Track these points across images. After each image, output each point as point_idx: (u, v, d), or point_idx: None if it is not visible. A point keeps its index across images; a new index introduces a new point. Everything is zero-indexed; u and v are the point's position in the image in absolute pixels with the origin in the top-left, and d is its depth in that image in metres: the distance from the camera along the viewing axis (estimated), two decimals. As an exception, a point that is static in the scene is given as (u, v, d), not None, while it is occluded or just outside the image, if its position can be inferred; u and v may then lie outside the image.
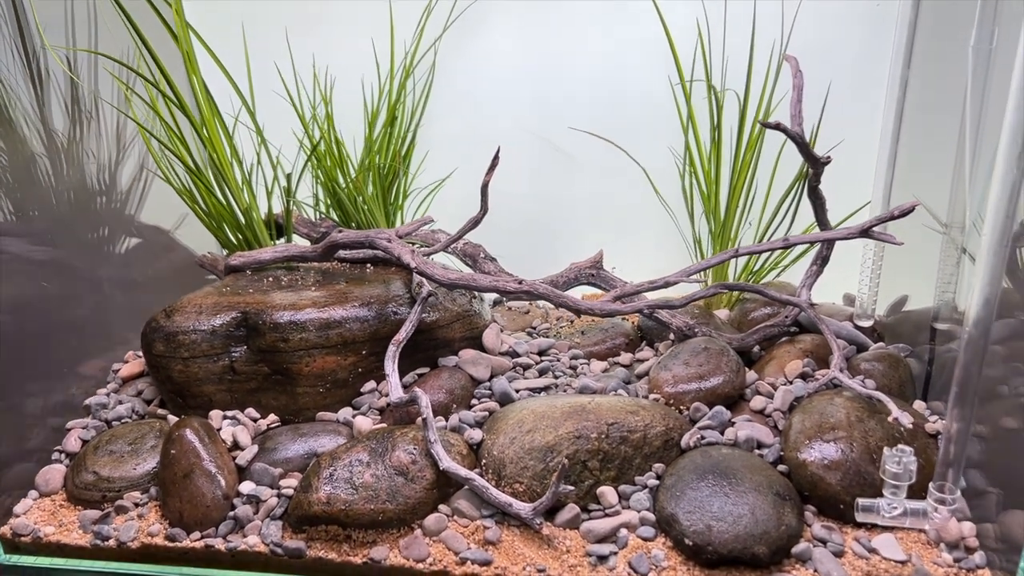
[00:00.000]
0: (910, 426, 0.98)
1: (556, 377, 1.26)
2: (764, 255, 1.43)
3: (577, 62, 1.45)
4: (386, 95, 1.43)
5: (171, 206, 1.49)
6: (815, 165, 1.12)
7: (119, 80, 1.30)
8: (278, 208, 1.43)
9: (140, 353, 1.35)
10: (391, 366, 1.13)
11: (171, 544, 1.03)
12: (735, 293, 1.43)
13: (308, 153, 1.36)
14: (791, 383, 1.18)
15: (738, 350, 1.26)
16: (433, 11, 1.41)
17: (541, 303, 1.55)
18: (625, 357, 1.32)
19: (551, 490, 0.98)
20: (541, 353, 1.33)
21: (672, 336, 1.30)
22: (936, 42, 1.18)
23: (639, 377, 1.26)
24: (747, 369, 1.23)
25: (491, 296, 1.48)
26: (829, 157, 1.11)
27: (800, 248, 1.38)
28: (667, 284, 1.16)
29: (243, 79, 1.34)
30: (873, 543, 0.96)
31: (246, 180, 1.33)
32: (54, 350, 1.27)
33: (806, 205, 1.21)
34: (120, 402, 1.24)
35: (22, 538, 1.06)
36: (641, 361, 1.30)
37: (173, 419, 1.18)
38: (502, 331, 1.40)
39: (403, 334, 1.16)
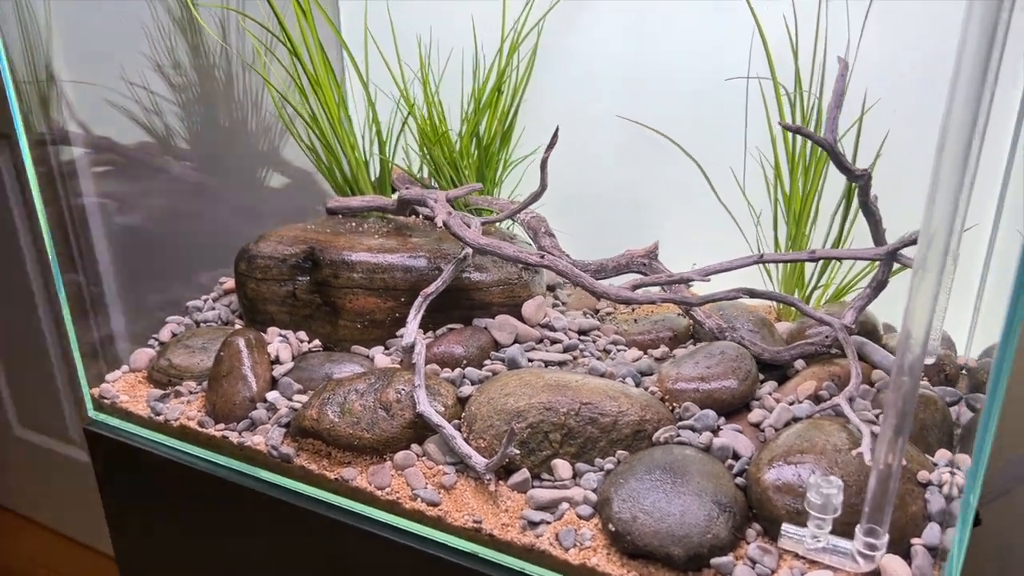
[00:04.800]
0: (869, 463, 0.91)
1: (584, 356, 1.29)
2: (851, 272, 1.34)
3: (678, 53, 1.44)
4: (494, 67, 1.51)
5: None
6: (852, 178, 1.04)
7: (252, 35, 1.50)
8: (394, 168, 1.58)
9: (244, 271, 1.58)
10: (413, 313, 1.23)
11: (199, 429, 1.22)
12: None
13: (404, 116, 1.48)
14: (799, 402, 1.12)
15: (771, 362, 1.22)
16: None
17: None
18: (661, 351, 1.31)
19: (501, 451, 1.04)
20: (582, 333, 1.36)
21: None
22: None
23: (660, 371, 1.25)
24: (772, 382, 1.19)
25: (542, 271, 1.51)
26: (867, 171, 1.03)
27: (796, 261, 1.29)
28: (682, 281, 1.14)
29: (377, 48, 1.50)
30: (807, 576, 0.91)
31: (354, 138, 1.49)
32: (183, 258, 1.52)
33: (901, 214, 1.13)
34: (212, 308, 1.46)
35: (105, 400, 1.31)
36: (674, 357, 1.29)
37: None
38: (555, 306, 1.45)
39: (433, 287, 1.25)
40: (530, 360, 1.25)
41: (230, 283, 1.53)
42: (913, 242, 0.99)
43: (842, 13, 1.25)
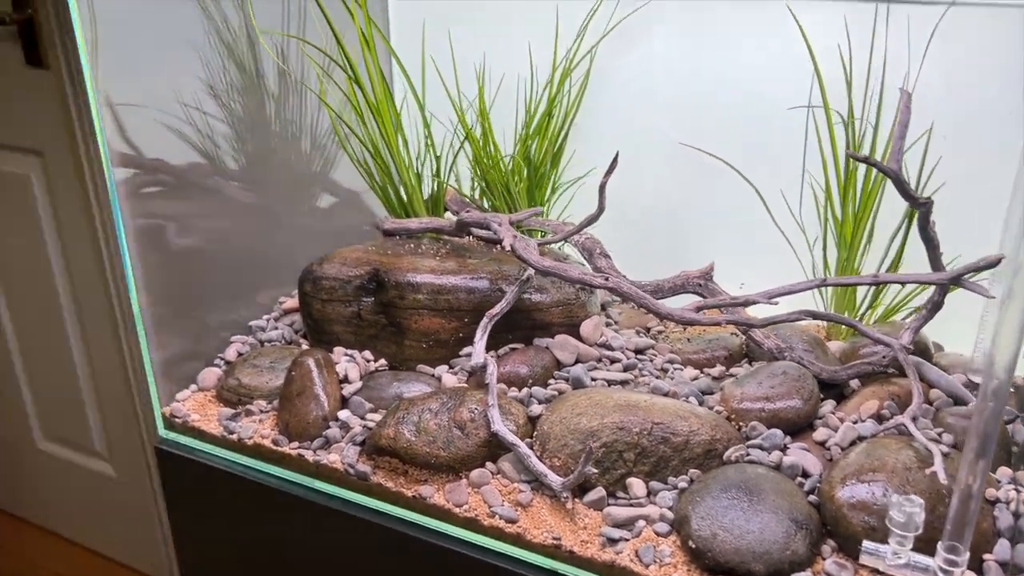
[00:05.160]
0: (944, 482, 0.95)
1: (642, 375, 1.33)
2: (900, 293, 1.38)
3: (728, 77, 1.48)
4: (545, 93, 1.55)
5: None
6: (916, 205, 1.09)
7: (315, 63, 1.54)
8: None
9: (301, 291, 1.61)
10: (480, 334, 1.27)
11: (274, 447, 1.25)
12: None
13: (460, 140, 1.52)
14: (862, 421, 1.15)
15: (829, 381, 1.25)
16: (594, 17, 1.51)
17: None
18: (718, 370, 1.35)
19: (578, 469, 1.07)
20: (638, 351, 1.40)
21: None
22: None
23: (722, 390, 1.29)
24: (831, 401, 1.22)
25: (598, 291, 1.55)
26: (930, 199, 1.07)
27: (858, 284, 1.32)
28: (747, 303, 1.18)
29: (429, 73, 1.53)
30: (883, 591, 0.95)
31: (409, 160, 1.53)
32: (242, 278, 1.55)
33: (953, 239, 1.18)
34: (275, 328, 1.49)
35: (176, 419, 1.34)
36: (733, 376, 1.33)
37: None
38: (608, 325, 1.48)
39: (497, 308, 1.29)
40: (593, 379, 1.29)
41: (289, 303, 1.56)
42: (977, 268, 1.03)
43: (896, 38, 1.29)
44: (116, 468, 2.55)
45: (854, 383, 1.27)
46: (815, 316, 1.19)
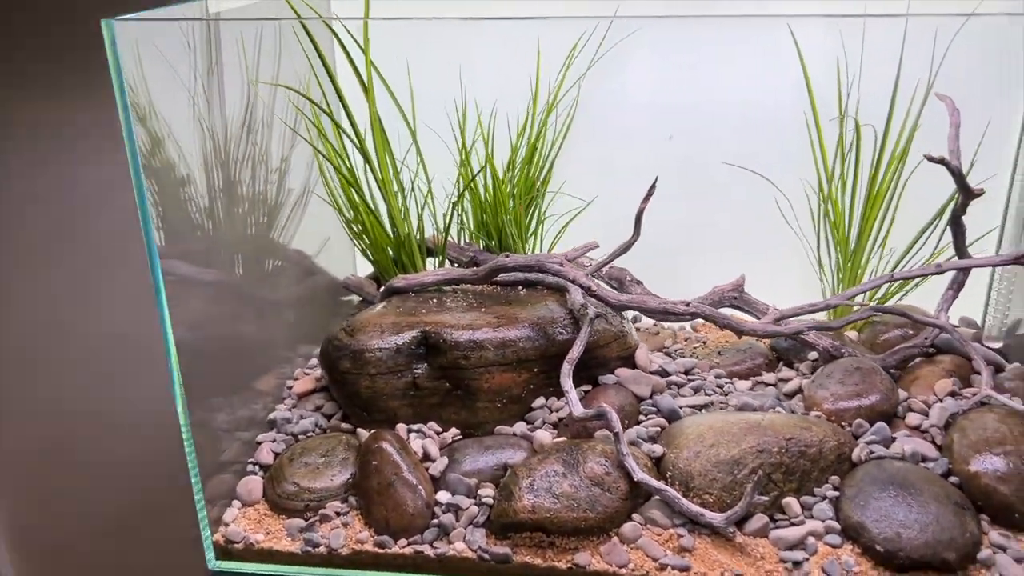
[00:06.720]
0: (1081, 441, 1.05)
1: (708, 395, 1.33)
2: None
3: (714, 94, 1.52)
4: (527, 130, 1.50)
5: (314, 233, 1.56)
6: (968, 196, 1.20)
7: (298, 109, 1.37)
8: (426, 232, 1.51)
9: (308, 371, 1.43)
10: (568, 383, 1.20)
11: (381, 550, 1.09)
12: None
13: (466, 181, 1.43)
14: (942, 401, 1.25)
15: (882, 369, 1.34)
16: (582, 50, 1.49)
17: (667, 324, 1.61)
18: (769, 376, 1.39)
19: (745, 500, 1.05)
20: (687, 372, 1.40)
21: (815, 357, 1.38)
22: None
23: (788, 396, 1.32)
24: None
25: (628, 316, 1.54)
26: (982, 189, 1.19)
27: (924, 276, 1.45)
28: (828, 307, 1.23)
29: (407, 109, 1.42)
30: (1050, 551, 1.03)
31: (406, 207, 1.41)
32: (228, 366, 1.33)
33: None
34: (302, 417, 1.30)
35: (234, 545, 1.12)
36: (784, 380, 1.37)
37: (362, 432, 1.23)
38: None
39: (576, 352, 1.23)
40: (679, 407, 1.27)
41: (299, 386, 1.37)
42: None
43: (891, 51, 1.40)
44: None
45: (892, 368, 1.36)
46: (882, 311, 1.27)
